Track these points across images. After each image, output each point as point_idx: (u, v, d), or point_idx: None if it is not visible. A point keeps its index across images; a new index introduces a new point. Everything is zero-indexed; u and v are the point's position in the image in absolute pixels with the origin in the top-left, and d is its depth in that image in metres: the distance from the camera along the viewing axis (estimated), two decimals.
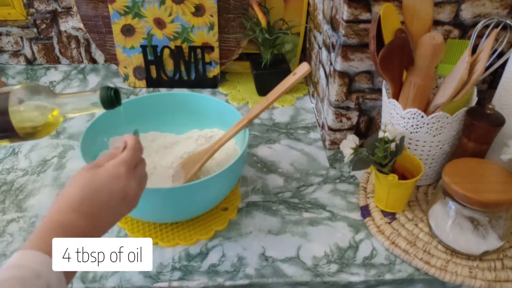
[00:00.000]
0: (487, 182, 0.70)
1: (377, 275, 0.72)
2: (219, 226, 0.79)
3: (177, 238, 0.76)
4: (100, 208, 0.51)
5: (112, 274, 0.71)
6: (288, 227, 0.80)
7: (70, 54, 1.27)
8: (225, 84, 1.21)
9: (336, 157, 0.96)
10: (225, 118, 0.87)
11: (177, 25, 1.12)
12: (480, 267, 0.71)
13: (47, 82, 1.21)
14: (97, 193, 0.51)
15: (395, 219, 0.79)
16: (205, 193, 0.73)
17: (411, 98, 0.76)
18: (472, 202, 0.67)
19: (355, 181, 0.90)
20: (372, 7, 0.80)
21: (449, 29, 0.83)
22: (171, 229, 0.78)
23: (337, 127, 0.95)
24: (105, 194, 0.52)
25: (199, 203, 0.75)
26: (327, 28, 0.93)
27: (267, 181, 0.90)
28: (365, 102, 0.92)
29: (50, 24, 1.22)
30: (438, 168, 0.84)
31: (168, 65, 1.17)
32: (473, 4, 0.80)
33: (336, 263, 0.74)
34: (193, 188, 0.70)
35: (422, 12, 0.75)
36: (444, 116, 0.74)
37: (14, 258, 0.45)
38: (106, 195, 0.52)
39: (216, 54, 1.16)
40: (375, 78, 0.88)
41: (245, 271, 0.72)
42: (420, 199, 0.83)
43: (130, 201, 0.54)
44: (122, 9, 1.10)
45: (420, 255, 0.73)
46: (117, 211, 0.54)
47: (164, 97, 0.91)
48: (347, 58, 0.86)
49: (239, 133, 0.81)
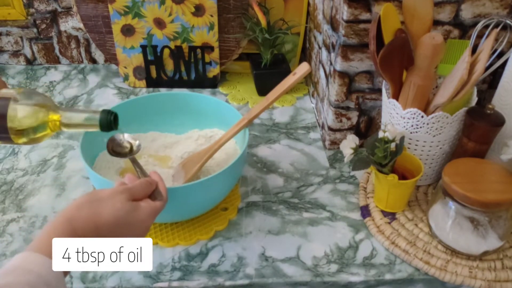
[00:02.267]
0: (487, 182, 0.70)
1: (377, 275, 0.72)
2: (219, 226, 0.79)
3: (177, 238, 0.76)
4: (115, 233, 0.54)
5: (112, 274, 0.71)
6: (288, 227, 0.80)
7: (70, 54, 1.27)
8: (225, 84, 1.21)
9: (336, 157, 0.96)
10: (225, 118, 0.87)
11: (177, 25, 1.12)
12: (480, 267, 0.71)
13: (47, 82, 1.21)
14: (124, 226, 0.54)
15: (395, 219, 0.79)
16: (205, 193, 0.73)
17: (411, 98, 0.76)
18: (472, 202, 0.67)
19: (355, 181, 0.90)
20: (372, 7, 0.80)
21: (449, 29, 0.83)
22: (171, 229, 0.78)
23: (337, 127, 0.95)
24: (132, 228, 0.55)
25: (199, 203, 0.75)
26: (327, 28, 0.93)
27: (267, 181, 0.90)
28: (365, 102, 0.92)
29: (50, 24, 1.22)
30: (438, 168, 0.83)
31: (168, 65, 1.17)
32: (473, 4, 0.80)
33: (336, 263, 0.74)
34: (193, 188, 0.70)
35: (422, 12, 0.75)
36: (444, 116, 0.74)
37: (20, 259, 0.45)
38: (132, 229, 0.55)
39: (216, 54, 1.16)
40: (375, 78, 0.88)
41: (245, 271, 0.72)
42: (420, 199, 0.83)
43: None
44: (122, 9, 1.10)
45: (420, 255, 0.73)
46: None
47: (164, 97, 0.91)
48: (347, 58, 0.86)
49: (239, 133, 0.81)
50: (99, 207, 0.53)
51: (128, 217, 0.54)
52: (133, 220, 0.55)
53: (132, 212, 0.55)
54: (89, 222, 0.52)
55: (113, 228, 0.53)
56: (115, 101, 1.14)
